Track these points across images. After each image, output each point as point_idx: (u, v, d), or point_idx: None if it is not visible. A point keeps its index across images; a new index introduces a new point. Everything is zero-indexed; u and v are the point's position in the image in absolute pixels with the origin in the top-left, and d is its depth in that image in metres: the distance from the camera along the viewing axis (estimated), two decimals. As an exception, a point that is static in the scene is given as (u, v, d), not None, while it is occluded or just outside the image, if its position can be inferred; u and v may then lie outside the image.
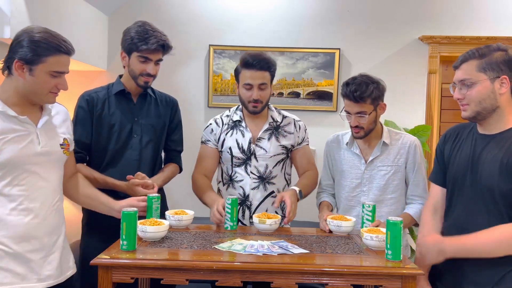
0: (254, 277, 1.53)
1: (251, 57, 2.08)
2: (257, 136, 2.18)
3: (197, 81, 3.45)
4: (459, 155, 1.70)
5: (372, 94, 1.99)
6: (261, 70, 2.08)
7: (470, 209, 1.63)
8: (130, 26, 2.06)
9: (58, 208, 1.68)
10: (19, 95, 1.58)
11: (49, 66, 1.54)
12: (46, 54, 1.52)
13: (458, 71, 1.65)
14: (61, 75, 1.58)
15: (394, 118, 3.25)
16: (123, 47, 2.06)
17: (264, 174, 2.17)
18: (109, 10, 3.37)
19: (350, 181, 2.14)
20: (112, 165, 2.08)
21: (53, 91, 1.59)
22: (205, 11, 3.42)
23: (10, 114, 1.54)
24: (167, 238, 1.76)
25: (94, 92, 2.12)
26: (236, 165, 2.17)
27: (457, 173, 1.69)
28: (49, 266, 1.61)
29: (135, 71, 2.04)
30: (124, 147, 2.08)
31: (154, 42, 1.99)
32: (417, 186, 2.11)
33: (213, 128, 2.22)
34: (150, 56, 2.02)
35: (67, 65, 1.60)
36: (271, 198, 2.17)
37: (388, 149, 2.11)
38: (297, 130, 2.25)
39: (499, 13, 3.34)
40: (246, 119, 2.21)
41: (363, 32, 3.40)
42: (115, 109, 2.09)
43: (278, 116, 2.25)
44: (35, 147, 1.58)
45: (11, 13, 2.20)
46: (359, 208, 2.10)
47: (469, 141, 1.69)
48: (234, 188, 2.18)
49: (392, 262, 1.56)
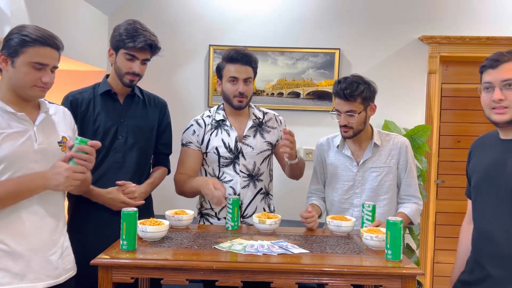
0: (254, 277, 1.53)
1: (236, 52, 2.11)
2: (243, 134, 2.18)
3: (197, 81, 3.44)
4: (483, 162, 1.66)
5: (362, 94, 2.01)
6: (246, 64, 2.11)
7: (494, 213, 1.58)
8: (120, 23, 2.03)
9: (57, 206, 1.68)
10: (11, 92, 1.58)
11: (29, 57, 1.52)
12: (26, 45, 1.52)
13: (498, 71, 1.55)
14: (44, 68, 1.56)
15: (394, 118, 3.25)
16: (111, 44, 2.03)
17: (253, 171, 2.17)
18: (109, 10, 3.37)
19: (342, 184, 2.14)
20: (95, 168, 1.97)
21: (38, 85, 1.56)
22: (205, 11, 3.42)
23: (8, 110, 1.55)
24: (167, 238, 1.76)
25: (79, 92, 2.07)
26: (223, 165, 2.16)
27: (481, 178, 1.65)
28: (49, 266, 1.60)
29: (121, 68, 2.00)
30: (108, 150, 2.03)
31: (142, 40, 1.96)
32: (409, 186, 2.13)
33: (195, 129, 2.20)
34: (137, 55, 1.99)
35: (51, 58, 1.57)
36: (259, 195, 2.18)
37: (379, 151, 2.12)
38: (279, 125, 2.28)
39: (499, 13, 3.34)
40: (229, 118, 2.20)
41: (363, 32, 3.40)
42: (100, 110, 2.03)
43: (259, 113, 2.26)
44: (33, 144, 1.58)
45: (11, 13, 2.20)
46: (352, 211, 2.11)
47: (494, 148, 1.64)
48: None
49: (392, 262, 1.56)
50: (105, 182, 1.99)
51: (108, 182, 1.99)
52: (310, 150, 3.30)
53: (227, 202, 1.96)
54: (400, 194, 2.16)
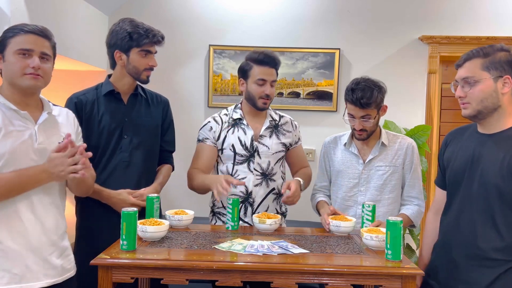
0: (254, 277, 1.53)
1: (264, 55, 2.14)
2: (259, 134, 2.20)
3: (197, 81, 3.45)
4: (459, 155, 1.71)
5: (377, 99, 2.01)
6: (273, 67, 2.17)
7: (466, 207, 1.64)
8: (118, 25, 2.02)
9: (57, 207, 1.68)
10: (11, 89, 1.60)
11: (14, 45, 1.57)
12: (10, 35, 1.57)
13: (461, 69, 1.65)
14: (30, 53, 1.57)
15: (394, 118, 3.25)
16: (119, 46, 2.00)
17: (266, 170, 2.18)
18: (109, 10, 3.37)
19: (347, 181, 2.14)
20: (103, 168, 2.03)
21: (27, 72, 1.57)
22: (205, 11, 3.42)
23: (11, 107, 1.57)
24: (167, 238, 1.77)
25: (82, 94, 2.06)
26: (238, 162, 2.17)
27: (457, 172, 1.70)
28: (47, 266, 1.60)
29: (138, 67, 2.02)
30: (114, 149, 2.03)
31: (155, 34, 2.01)
32: (412, 187, 2.13)
33: (212, 126, 2.22)
34: (151, 49, 2.04)
35: (35, 44, 1.58)
36: (272, 195, 2.19)
37: (386, 150, 2.12)
38: (294, 129, 2.31)
39: (499, 13, 3.34)
40: (246, 117, 2.22)
41: (363, 32, 3.40)
42: (104, 110, 2.04)
43: (276, 115, 2.29)
44: (33, 143, 1.59)
45: (11, 13, 2.20)
46: (355, 208, 2.11)
47: (469, 141, 1.70)
48: (235, 186, 2.18)
49: (392, 262, 1.56)
50: (113, 181, 2.01)
51: (115, 182, 2.01)
52: (310, 150, 3.30)
53: (227, 202, 1.96)
54: (403, 195, 2.15)
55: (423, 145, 3.12)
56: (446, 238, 1.72)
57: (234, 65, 3.37)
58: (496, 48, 1.61)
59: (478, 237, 1.59)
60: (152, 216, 1.88)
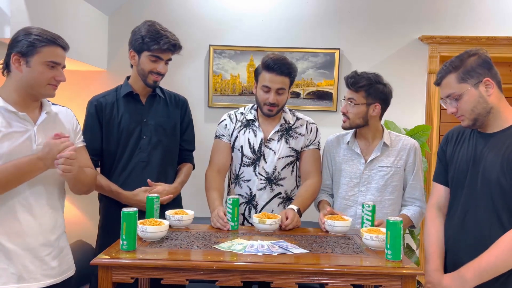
0: (254, 277, 1.53)
1: (273, 60, 2.07)
2: (268, 137, 2.18)
3: (197, 81, 3.44)
4: (461, 154, 1.72)
5: (365, 87, 2.04)
6: (281, 75, 2.08)
7: (471, 207, 1.64)
8: (139, 25, 2.07)
9: (56, 207, 1.68)
10: (18, 92, 1.59)
11: (45, 56, 1.57)
12: (41, 45, 1.56)
13: (441, 89, 1.68)
14: (57, 66, 1.61)
15: (394, 118, 3.25)
16: (133, 46, 2.06)
17: (272, 175, 2.16)
18: (109, 10, 3.37)
19: (348, 180, 2.14)
20: (123, 168, 2.09)
21: (51, 83, 1.61)
22: (205, 11, 3.42)
23: (10, 109, 1.56)
24: (167, 238, 1.76)
25: (102, 96, 2.13)
26: (245, 164, 2.17)
27: (459, 171, 1.71)
28: (45, 266, 1.61)
29: (145, 70, 2.05)
30: (133, 149, 2.09)
31: (166, 42, 2.01)
32: (414, 189, 2.13)
33: (227, 123, 2.23)
34: (161, 56, 2.04)
35: (62, 57, 1.63)
36: (277, 199, 2.18)
37: (388, 150, 2.12)
38: (308, 132, 2.22)
39: (499, 13, 3.34)
40: (259, 119, 2.21)
41: (363, 32, 3.40)
42: (123, 112, 2.09)
43: (292, 118, 2.24)
44: (31, 144, 1.59)
45: (11, 13, 2.20)
46: (355, 208, 2.11)
47: (470, 141, 1.71)
48: (241, 187, 2.19)
49: (392, 262, 1.56)
50: (132, 181, 2.06)
51: (134, 181, 2.06)
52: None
53: (227, 202, 1.96)
54: (405, 197, 2.15)
55: (423, 145, 3.12)
56: (451, 242, 1.72)
57: (234, 65, 3.38)
58: (463, 56, 1.63)
59: (486, 239, 1.58)
60: (152, 216, 1.88)
